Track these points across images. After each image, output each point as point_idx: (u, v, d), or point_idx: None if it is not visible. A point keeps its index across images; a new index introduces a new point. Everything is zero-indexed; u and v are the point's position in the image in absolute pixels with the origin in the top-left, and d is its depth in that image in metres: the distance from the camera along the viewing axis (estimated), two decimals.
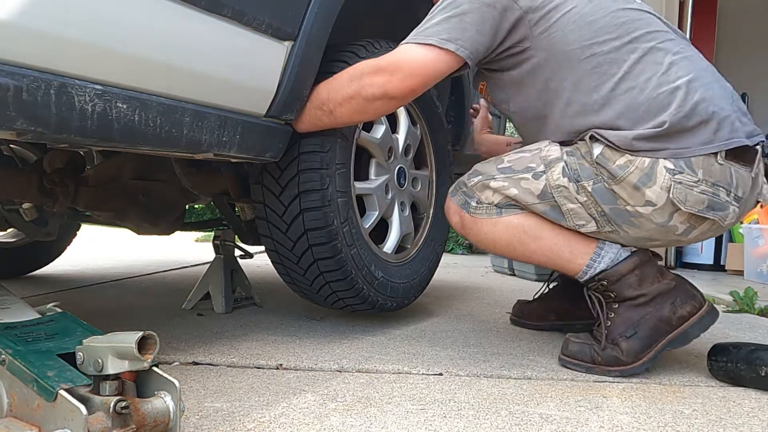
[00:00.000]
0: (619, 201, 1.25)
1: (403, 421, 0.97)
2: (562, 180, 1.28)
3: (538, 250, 1.35)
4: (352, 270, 1.48)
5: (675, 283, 1.31)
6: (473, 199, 1.37)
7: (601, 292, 1.33)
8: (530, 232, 1.34)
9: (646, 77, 1.25)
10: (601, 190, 1.26)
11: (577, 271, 1.33)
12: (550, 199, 1.30)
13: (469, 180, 1.39)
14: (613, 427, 0.98)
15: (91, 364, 0.76)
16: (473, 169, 1.41)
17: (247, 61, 1.16)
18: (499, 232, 1.36)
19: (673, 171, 1.21)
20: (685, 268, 4.00)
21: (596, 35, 1.28)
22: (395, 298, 1.64)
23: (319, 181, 1.40)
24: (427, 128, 1.83)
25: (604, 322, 1.32)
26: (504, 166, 1.36)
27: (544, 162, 1.31)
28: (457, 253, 4.81)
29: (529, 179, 1.31)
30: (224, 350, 1.39)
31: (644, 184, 1.22)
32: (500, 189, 1.33)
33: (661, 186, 1.21)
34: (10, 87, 0.77)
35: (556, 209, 1.30)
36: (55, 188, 1.60)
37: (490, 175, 1.36)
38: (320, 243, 1.43)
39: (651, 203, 1.23)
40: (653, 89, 1.24)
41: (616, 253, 1.32)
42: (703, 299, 1.31)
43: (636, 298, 1.29)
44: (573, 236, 1.33)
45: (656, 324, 1.28)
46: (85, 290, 2.32)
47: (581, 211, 1.29)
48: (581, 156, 1.28)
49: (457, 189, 1.43)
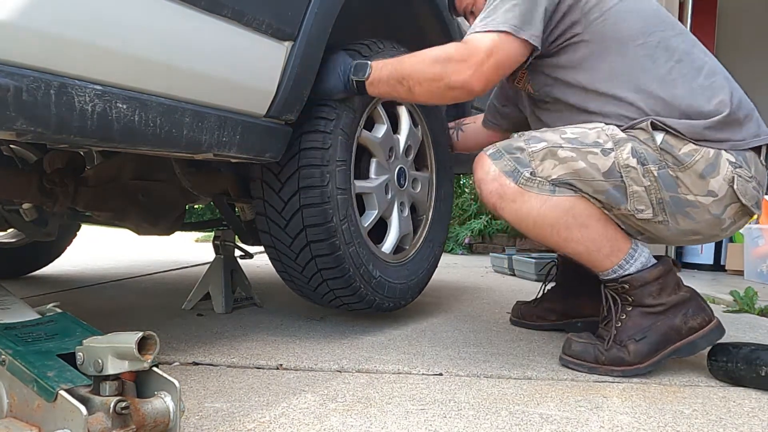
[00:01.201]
0: (681, 189, 1.25)
1: (403, 421, 0.97)
2: (631, 160, 1.24)
3: (581, 239, 1.29)
4: (350, 268, 1.48)
5: (689, 295, 1.32)
6: (527, 169, 1.26)
7: (618, 294, 1.32)
8: (579, 218, 1.27)
9: (697, 65, 1.30)
10: (665, 176, 1.25)
11: (607, 268, 1.31)
12: (617, 178, 1.24)
13: (529, 145, 1.28)
14: (613, 427, 0.98)
15: (91, 364, 0.76)
16: (530, 135, 1.31)
17: (247, 61, 1.16)
18: (546, 211, 1.26)
19: (735, 164, 1.24)
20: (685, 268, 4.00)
21: (646, 25, 1.32)
22: (392, 298, 1.64)
23: (319, 178, 1.40)
24: (428, 130, 1.83)
25: (615, 322, 1.31)
26: (569, 136, 1.27)
27: (612, 139, 1.25)
28: (457, 253, 4.81)
29: (598, 154, 1.25)
30: (224, 350, 1.39)
31: (709, 173, 1.24)
32: (567, 159, 1.25)
33: (725, 177, 1.24)
34: (10, 87, 0.77)
35: (620, 189, 1.25)
36: (55, 188, 1.60)
37: (557, 143, 1.26)
38: (319, 240, 1.43)
39: (713, 193, 1.25)
40: (705, 78, 1.28)
41: (647, 259, 1.31)
42: (712, 314, 1.32)
43: (653, 306, 1.29)
44: (615, 231, 1.30)
45: (666, 331, 1.28)
46: (85, 290, 2.32)
47: (644, 195, 1.25)
48: (642, 141, 1.26)
49: (503, 152, 1.30)
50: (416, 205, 1.82)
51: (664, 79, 1.28)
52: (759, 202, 1.29)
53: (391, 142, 1.65)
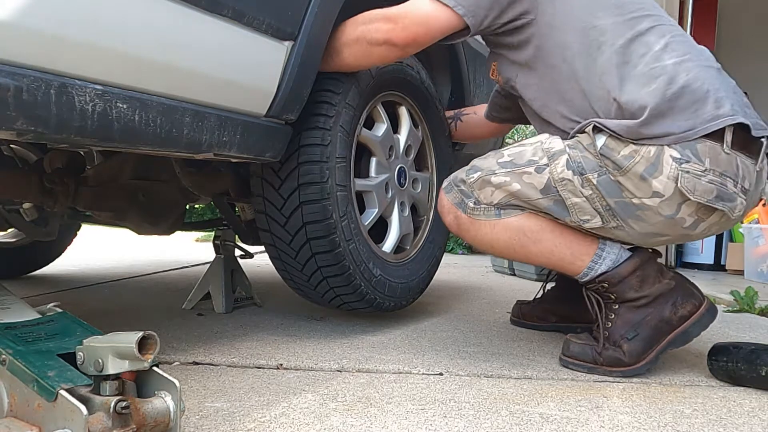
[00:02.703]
0: (625, 193, 1.22)
1: (404, 421, 0.97)
2: (566, 173, 1.24)
3: (539, 253, 1.33)
4: (350, 265, 1.48)
5: (675, 282, 1.31)
6: (471, 199, 1.32)
7: (600, 294, 1.33)
8: (530, 234, 1.31)
9: (641, 53, 1.25)
10: (606, 183, 1.22)
11: (577, 272, 1.32)
12: (554, 193, 1.26)
13: (468, 176, 1.33)
14: (613, 426, 0.98)
15: (91, 364, 0.76)
16: (471, 165, 1.36)
17: (248, 61, 1.16)
18: (498, 235, 1.32)
19: (680, 160, 1.17)
20: (685, 267, 4.00)
21: (597, 10, 1.29)
22: (393, 297, 1.63)
23: (318, 174, 1.40)
24: (428, 130, 1.83)
25: (604, 323, 1.32)
26: (504, 160, 1.31)
27: (546, 154, 1.27)
28: (457, 253, 4.81)
29: (532, 173, 1.27)
30: (224, 350, 1.39)
31: (650, 174, 1.18)
32: (502, 185, 1.28)
33: (668, 176, 1.17)
34: (11, 87, 0.77)
35: (560, 204, 1.27)
36: (55, 188, 1.60)
37: (491, 170, 1.30)
38: (318, 236, 1.43)
39: (658, 194, 1.19)
40: (645, 65, 1.23)
41: (617, 255, 1.31)
42: (702, 297, 1.31)
43: (637, 299, 1.29)
44: (574, 238, 1.31)
45: (657, 324, 1.28)
46: (85, 290, 2.32)
47: (586, 205, 1.25)
48: (584, 148, 1.24)
49: (452, 185, 1.36)
50: (417, 206, 1.82)
51: (603, 72, 1.25)
52: (723, 195, 1.18)
53: (391, 142, 1.65)
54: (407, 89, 1.71)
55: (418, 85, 1.74)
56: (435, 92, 1.83)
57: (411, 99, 1.74)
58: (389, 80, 1.61)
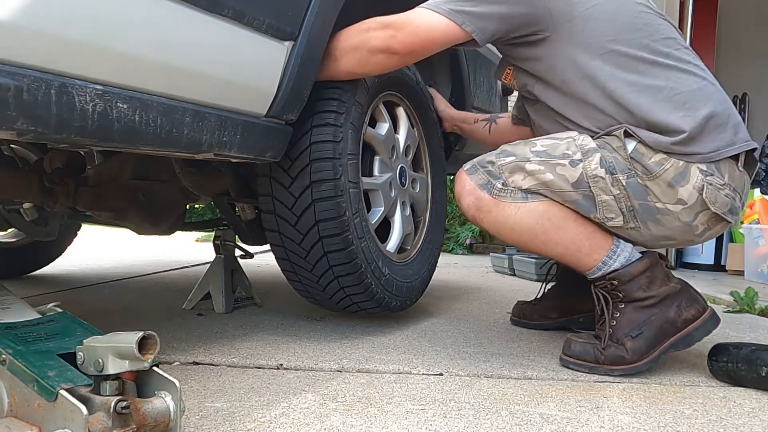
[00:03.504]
0: (650, 197, 1.27)
1: (404, 421, 0.97)
2: (599, 170, 1.26)
3: (560, 240, 1.32)
4: (362, 264, 1.46)
5: (680, 286, 1.32)
6: (499, 180, 1.32)
7: (608, 291, 1.33)
8: (555, 220, 1.30)
9: (665, 77, 1.28)
10: (634, 185, 1.26)
11: (591, 266, 1.32)
12: (585, 188, 1.27)
13: (499, 159, 1.33)
14: (613, 427, 0.98)
15: (91, 364, 0.76)
16: (502, 149, 1.36)
17: (248, 61, 1.16)
18: (522, 217, 1.31)
19: (705, 172, 1.25)
20: (685, 268, 4.00)
21: (618, 33, 1.30)
22: (400, 296, 1.63)
23: (332, 171, 1.39)
24: (423, 132, 1.83)
25: (609, 320, 1.32)
26: (538, 149, 1.31)
27: (581, 150, 1.28)
28: (458, 253, 4.81)
29: (566, 165, 1.28)
30: (225, 350, 1.39)
31: (678, 182, 1.25)
32: (535, 172, 1.29)
33: (694, 186, 1.24)
34: (11, 87, 0.77)
35: (589, 199, 1.28)
36: (55, 188, 1.60)
37: (525, 157, 1.31)
38: (332, 234, 1.41)
39: (682, 202, 1.26)
40: (671, 90, 1.27)
41: (630, 253, 1.32)
42: (706, 304, 1.32)
43: (644, 299, 1.30)
44: (593, 231, 1.32)
45: (662, 325, 1.29)
46: (85, 290, 2.32)
47: (613, 203, 1.28)
48: (613, 149, 1.28)
49: (477, 167, 1.35)
50: (415, 206, 1.82)
51: (624, 95, 1.28)
52: (734, 209, 1.29)
53: (393, 141, 1.66)
54: (405, 90, 1.71)
55: (414, 86, 1.74)
56: (429, 94, 1.84)
57: (408, 100, 1.74)
58: (389, 80, 1.62)
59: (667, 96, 1.27)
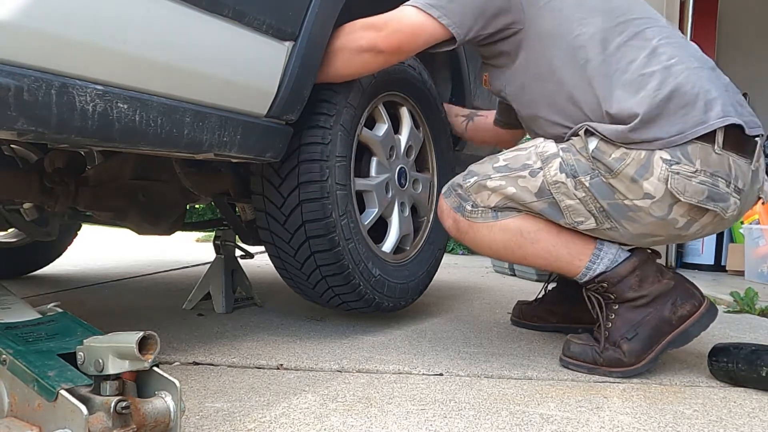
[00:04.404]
0: (617, 195, 1.23)
1: (404, 422, 0.97)
2: (559, 176, 1.26)
3: (537, 253, 1.33)
4: (349, 264, 1.48)
5: (674, 282, 1.31)
6: (468, 203, 1.34)
7: (600, 294, 1.33)
8: (528, 235, 1.32)
9: (629, 59, 1.25)
10: (598, 185, 1.24)
11: (576, 273, 1.33)
12: (548, 196, 1.28)
13: (465, 181, 1.36)
14: (613, 427, 0.98)
15: (91, 364, 0.76)
16: (468, 170, 1.38)
17: (248, 61, 1.16)
18: (495, 236, 1.33)
19: (670, 161, 1.18)
20: (685, 268, 4.00)
21: (584, 16, 1.29)
22: (392, 297, 1.63)
23: (318, 173, 1.41)
24: (429, 131, 1.83)
25: (604, 323, 1.32)
26: (500, 164, 1.33)
27: (540, 158, 1.29)
28: (458, 253, 4.81)
29: (526, 177, 1.29)
30: (225, 350, 1.39)
31: (641, 176, 1.20)
32: (498, 189, 1.31)
33: (659, 177, 1.19)
34: (11, 87, 0.77)
35: (554, 206, 1.28)
36: (55, 188, 1.60)
37: (486, 175, 1.33)
38: (318, 235, 1.43)
39: (649, 195, 1.21)
40: (634, 72, 1.24)
41: (615, 254, 1.31)
42: (702, 297, 1.31)
43: (636, 299, 1.29)
44: (571, 238, 1.32)
45: (657, 324, 1.28)
46: (86, 290, 2.32)
47: (580, 207, 1.27)
48: (577, 151, 1.26)
49: (450, 190, 1.38)
50: (417, 207, 1.82)
51: (592, 79, 1.26)
52: (715, 195, 1.19)
53: (392, 142, 1.65)
54: (409, 90, 1.71)
55: (420, 86, 1.74)
56: (437, 93, 1.84)
57: (413, 100, 1.74)
58: (391, 80, 1.61)
59: (630, 78, 1.23)
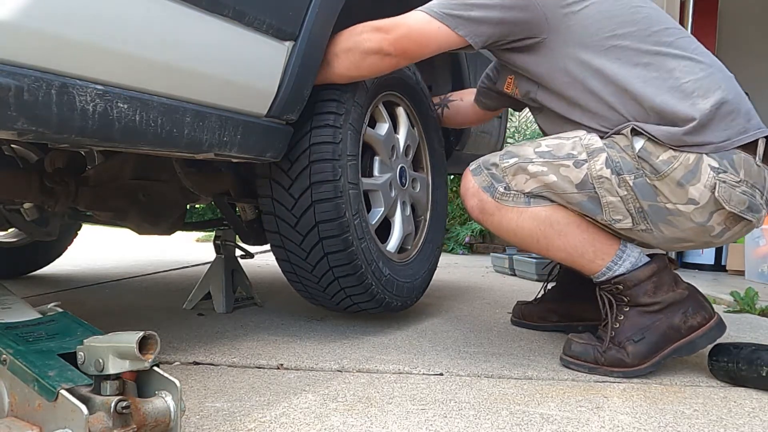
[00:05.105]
0: (659, 198, 1.23)
1: (404, 421, 0.97)
2: (605, 171, 1.24)
3: (561, 246, 1.31)
4: (363, 264, 1.46)
5: (688, 292, 1.31)
6: (501, 184, 1.31)
7: (614, 295, 1.32)
8: (557, 226, 1.29)
9: (669, 67, 1.26)
10: (642, 185, 1.23)
11: (596, 271, 1.31)
12: (589, 189, 1.25)
13: (502, 161, 1.32)
14: (614, 427, 0.98)
15: (92, 363, 0.76)
16: (506, 150, 1.34)
17: (248, 61, 1.16)
18: (524, 224, 1.30)
19: (718, 170, 1.20)
20: (685, 268, 4.00)
21: (617, 28, 1.28)
22: (400, 296, 1.63)
23: (331, 172, 1.39)
24: (423, 131, 1.83)
25: (612, 323, 1.31)
26: (542, 150, 1.30)
27: (586, 150, 1.26)
28: (458, 253, 4.81)
29: (570, 166, 1.26)
30: (225, 350, 1.39)
31: (688, 181, 1.20)
32: (538, 174, 1.28)
33: (705, 184, 1.20)
34: (11, 87, 0.77)
35: (594, 201, 1.26)
36: (56, 188, 1.60)
37: (528, 158, 1.29)
38: (332, 236, 1.41)
39: (693, 201, 1.21)
40: (677, 79, 1.24)
41: (636, 258, 1.30)
42: (713, 311, 1.31)
43: (650, 305, 1.28)
44: (597, 236, 1.30)
45: (666, 331, 1.27)
46: (86, 290, 2.32)
47: (620, 205, 1.25)
48: (621, 149, 1.24)
49: (481, 168, 1.34)
50: (416, 206, 1.82)
51: (636, 82, 1.26)
52: (753, 206, 1.22)
53: (393, 141, 1.65)
54: (405, 90, 1.71)
55: (414, 85, 1.74)
56: (429, 93, 1.84)
57: (408, 99, 1.74)
58: (389, 80, 1.61)
59: (674, 85, 1.24)
